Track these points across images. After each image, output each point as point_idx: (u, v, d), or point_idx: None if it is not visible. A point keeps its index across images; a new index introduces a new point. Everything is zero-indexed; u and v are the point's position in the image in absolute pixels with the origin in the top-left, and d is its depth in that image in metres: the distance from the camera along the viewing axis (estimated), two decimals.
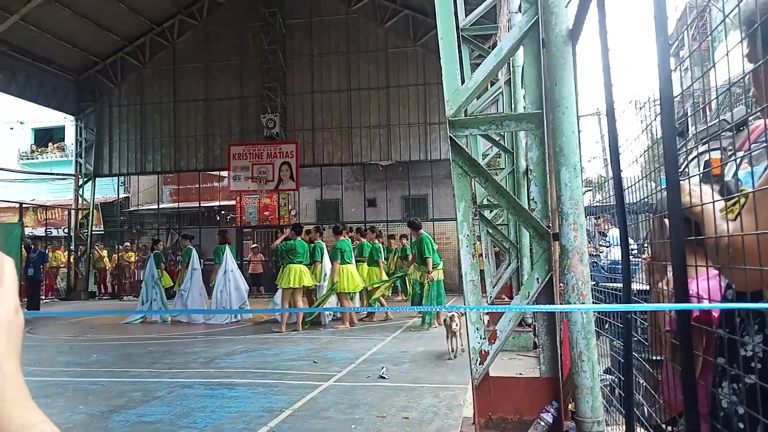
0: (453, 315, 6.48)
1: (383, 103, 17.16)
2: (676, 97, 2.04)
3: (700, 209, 1.12)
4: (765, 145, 1.12)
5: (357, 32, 17.35)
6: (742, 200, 1.10)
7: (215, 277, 10.75)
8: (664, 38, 1.56)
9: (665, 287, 1.60)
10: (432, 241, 9.29)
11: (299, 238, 9.76)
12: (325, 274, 10.03)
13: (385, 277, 11.09)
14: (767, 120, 1.09)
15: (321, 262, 9.99)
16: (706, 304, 1.33)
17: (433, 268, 8.98)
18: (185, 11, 17.78)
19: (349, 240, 10.30)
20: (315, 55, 17.51)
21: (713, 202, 1.07)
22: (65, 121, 21.97)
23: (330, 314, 10.15)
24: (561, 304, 3.13)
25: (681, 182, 1.18)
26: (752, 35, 1.13)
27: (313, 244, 9.99)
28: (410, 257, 9.99)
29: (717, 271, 1.42)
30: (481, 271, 8.11)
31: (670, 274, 1.54)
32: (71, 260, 18.34)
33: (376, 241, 11.50)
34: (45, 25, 15.37)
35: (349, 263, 9.70)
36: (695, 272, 1.32)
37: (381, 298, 10.74)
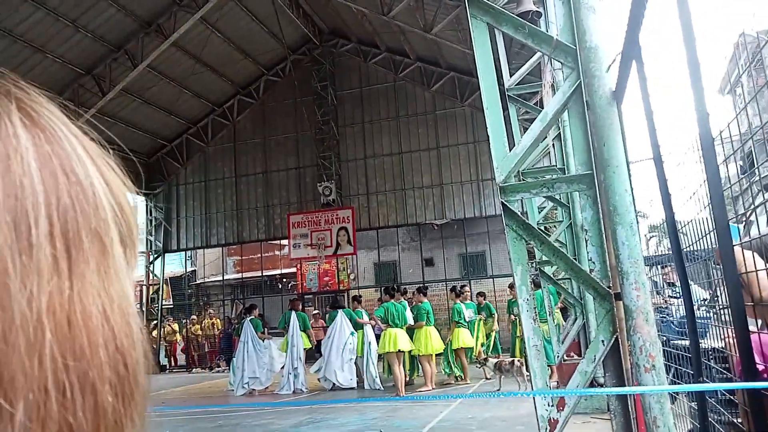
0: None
1: (434, 163, 17.42)
2: (735, 137, 2.03)
3: (751, 274, 1.12)
4: None
5: (405, 97, 17.90)
6: None
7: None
8: (699, 84, 1.61)
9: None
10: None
11: (391, 300, 9.85)
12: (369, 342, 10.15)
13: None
14: None
15: (426, 323, 9.97)
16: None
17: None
18: (243, 91, 18.94)
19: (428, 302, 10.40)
20: (366, 122, 18.12)
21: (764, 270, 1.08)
22: (134, 201, 23.40)
23: (375, 378, 10.11)
24: (630, 363, 3.02)
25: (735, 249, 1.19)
26: None
27: (417, 306, 10.09)
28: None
29: None
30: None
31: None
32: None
33: (457, 301, 10.86)
34: (119, 115, 16.67)
35: (430, 325, 9.83)
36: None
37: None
